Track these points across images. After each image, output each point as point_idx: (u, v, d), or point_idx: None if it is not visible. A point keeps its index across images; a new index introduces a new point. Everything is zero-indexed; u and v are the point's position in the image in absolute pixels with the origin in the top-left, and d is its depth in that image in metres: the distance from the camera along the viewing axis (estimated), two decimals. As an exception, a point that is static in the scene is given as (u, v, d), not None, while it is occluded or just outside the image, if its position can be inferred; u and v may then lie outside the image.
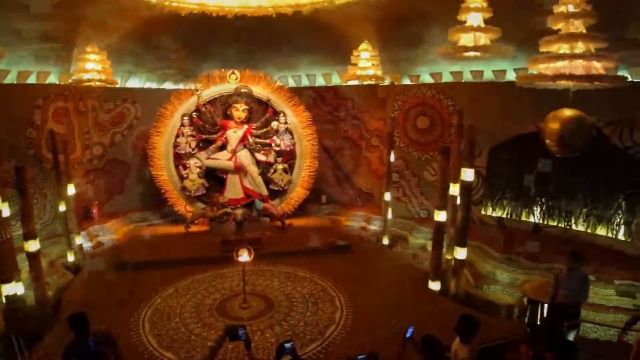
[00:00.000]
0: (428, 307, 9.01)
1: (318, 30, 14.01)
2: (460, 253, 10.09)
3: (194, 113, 13.81)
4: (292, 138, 14.29)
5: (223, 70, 14.13)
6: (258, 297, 9.29)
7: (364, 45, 13.26)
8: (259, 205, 13.66)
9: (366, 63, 13.26)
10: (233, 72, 14.07)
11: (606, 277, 10.38)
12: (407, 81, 14.58)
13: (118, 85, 13.61)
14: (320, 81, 16.16)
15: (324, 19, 13.47)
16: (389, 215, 13.39)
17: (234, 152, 13.81)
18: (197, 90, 13.72)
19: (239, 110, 13.81)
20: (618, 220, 11.60)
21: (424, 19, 12.16)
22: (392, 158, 13.36)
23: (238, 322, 7.29)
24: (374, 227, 14.60)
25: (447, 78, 13.88)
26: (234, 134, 13.83)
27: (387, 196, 13.32)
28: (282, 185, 14.14)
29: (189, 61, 14.94)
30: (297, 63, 15.70)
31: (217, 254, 11.42)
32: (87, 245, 12.41)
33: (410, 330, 5.08)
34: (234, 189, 13.88)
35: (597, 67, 6.91)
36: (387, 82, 14.63)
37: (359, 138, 15.97)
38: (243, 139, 13.90)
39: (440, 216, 10.05)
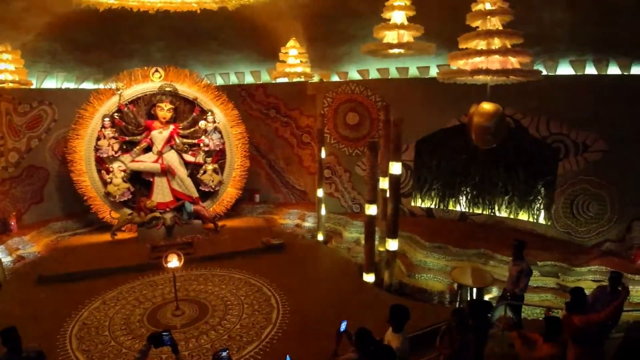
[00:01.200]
0: (363, 299, 9.14)
1: (245, 26, 13.80)
2: (392, 244, 10.35)
3: (116, 114, 13.08)
4: (221, 137, 13.95)
5: (146, 68, 13.52)
6: (191, 303, 9.01)
7: (291, 43, 13.20)
8: (189, 207, 13.23)
9: (294, 60, 13.22)
10: (157, 70, 13.50)
11: (530, 259, 10.99)
12: (335, 78, 14.72)
13: (33, 86, 12.63)
14: (249, 79, 15.95)
15: (251, 16, 13.28)
16: (323, 211, 13.47)
17: (160, 153, 13.28)
18: (118, 90, 13.00)
19: (164, 110, 13.28)
20: (538, 205, 12.40)
21: (350, 16, 12.29)
22: (324, 154, 13.44)
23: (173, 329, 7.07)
24: (309, 223, 14.65)
25: (374, 75, 14.15)
26: (159, 135, 13.29)
27: (320, 192, 13.39)
28: (213, 186, 13.77)
29: (109, 59, 14.20)
30: (224, 60, 15.38)
31: (147, 261, 10.95)
32: (7, 260, 11.43)
33: (343, 324, 5.10)
34: (161, 192, 13.34)
35: (513, 62, 7.28)
36: (316, 79, 14.68)
37: (291, 135, 15.95)
38: (169, 140, 13.40)
39: (371, 210, 10.23)
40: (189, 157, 13.64)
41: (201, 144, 13.66)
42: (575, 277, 10.31)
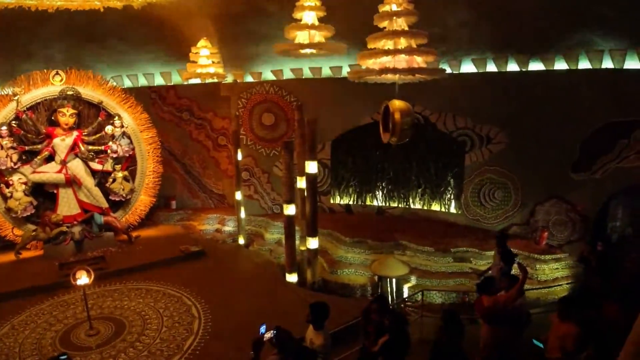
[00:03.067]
0: (287, 300, 9.12)
1: (153, 26, 13.25)
2: (313, 243, 10.43)
3: (13, 122, 11.98)
4: (131, 142, 13.21)
5: (46, 71, 12.48)
6: (106, 321, 8.48)
7: (202, 42, 12.76)
8: (99, 219, 12.41)
9: (206, 61, 12.82)
10: (57, 73, 12.50)
11: (443, 247, 11.70)
12: (249, 78, 14.56)
13: None
14: (159, 80, 15.33)
15: (159, 15, 12.77)
16: (243, 214, 13.30)
17: (63, 162, 12.34)
18: (15, 95, 11.91)
19: (66, 115, 12.34)
20: (449, 196, 13.08)
21: (261, 15, 12.20)
22: (240, 156, 13.25)
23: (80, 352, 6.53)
24: (229, 228, 14.39)
25: (288, 75, 14.17)
26: (62, 143, 12.35)
27: (239, 195, 13.19)
28: (124, 195, 13.04)
29: (5, 62, 12.98)
30: (132, 61, 14.64)
31: (56, 279, 10.14)
32: None
33: (262, 328, 5.05)
34: (68, 205, 12.43)
35: (419, 61, 7.58)
36: (229, 79, 14.43)
37: (206, 138, 15.55)
38: (73, 148, 12.50)
39: (289, 210, 10.25)
40: (95, 165, 12.81)
41: (108, 151, 12.85)
42: (486, 260, 10.99)
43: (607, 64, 10.46)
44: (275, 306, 8.76)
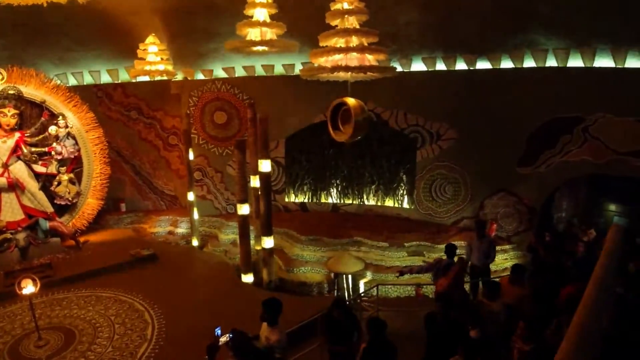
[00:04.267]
0: (243, 301, 9.02)
1: (100, 21, 12.75)
2: (268, 242, 10.36)
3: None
4: (76, 143, 12.65)
5: (-16, 69, 11.80)
6: (56, 331, 8.11)
7: (151, 39, 12.36)
8: (44, 225, 11.82)
9: (155, 57, 12.45)
10: (-3, 71, 11.85)
11: (397, 242, 11.91)
12: (200, 76, 14.28)
13: None
14: (105, 78, 14.78)
15: (105, 10, 12.30)
16: (196, 215, 13.02)
17: (5, 166, 11.70)
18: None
19: (7, 116, 11.70)
20: (401, 191, 13.30)
21: (212, 12, 11.97)
22: (192, 156, 12.98)
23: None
24: (182, 229, 14.07)
25: (240, 72, 13.98)
26: (3, 145, 11.71)
27: (191, 196, 12.92)
28: (70, 199, 12.49)
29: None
30: (77, 58, 14.02)
31: (1, 289, 9.62)
32: None
33: (218, 331, 4.99)
34: (11, 210, 11.78)
35: (370, 59, 7.65)
36: (179, 77, 14.09)
37: (156, 137, 15.12)
38: (15, 150, 11.86)
39: (243, 209, 10.14)
40: (39, 168, 12.21)
41: (53, 152, 12.27)
42: (438, 253, 11.22)
43: (551, 62, 10.91)
44: (231, 308, 8.66)
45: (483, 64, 11.65)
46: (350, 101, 7.65)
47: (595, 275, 3.72)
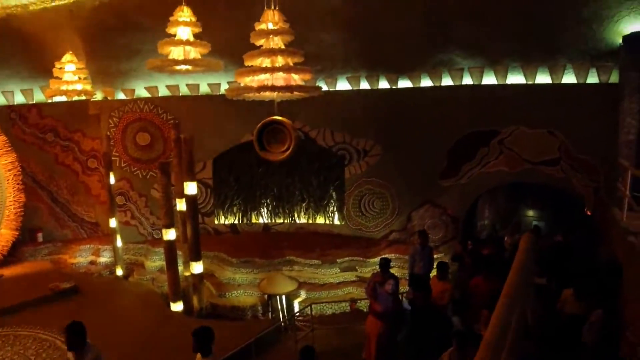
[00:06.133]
0: (171, 331, 8.62)
1: (13, 38, 12.04)
2: (197, 267, 10.01)
3: None
4: (-16, 170, 11.75)
5: None
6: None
7: (68, 57, 11.65)
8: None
9: (72, 77, 11.77)
10: None
11: (330, 259, 11.96)
12: (121, 95, 13.72)
13: None
14: (19, 98, 13.91)
15: (20, 26, 11.55)
16: (119, 242, 12.36)
17: None
18: None
19: None
20: (332, 208, 13.41)
21: (133, 29, 11.55)
22: (113, 180, 12.37)
23: None
24: (105, 258, 13.28)
25: (163, 92, 13.59)
26: None
27: (113, 222, 12.26)
28: (-22, 230, 11.50)
29: None
30: (-13, 78, 13.07)
31: None
32: None
33: None
34: None
35: (296, 79, 7.72)
36: (99, 97, 13.46)
37: (74, 161, 14.25)
38: None
39: (169, 234, 9.75)
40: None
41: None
42: (370, 267, 11.45)
43: (467, 80, 11.57)
44: (161, 340, 8.24)
45: (404, 83, 12.12)
46: (285, 120, 7.68)
47: (510, 278, 3.93)
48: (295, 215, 13.71)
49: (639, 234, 5.65)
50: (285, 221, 13.76)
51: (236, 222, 13.93)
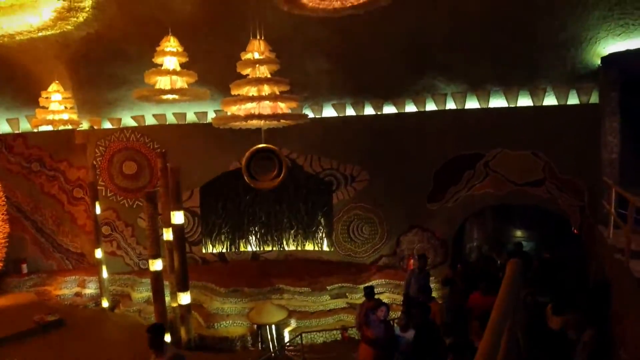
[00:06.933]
0: (161, 364, 8.40)
1: (-1, 68, 11.94)
2: (184, 298, 9.84)
3: None
4: (-33, 202, 11.54)
5: None
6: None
7: (54, 86, 11.55)
8: None
9: (59, 106, 11.68)
10: None
11: (320, 286, 11.84)
12: (108, 125, 13.68)
13: None
14: (5, 128, 13.80)
15: (6, 56, 11.53)
16: (105, 273, 12.12)
17: None
18: None
19: None
20: (320, 234, 13.37)
21: (120, 59, 11.58)
22: (99, 210, 12.22)
23: None
24: (91, 290, 13.01)
25: (150, 121, 13.58)
26: None
27: (99, 253, 12.07)
28: (-39, 263, 11.23)
29: None
30: (-27, 107, 12.96)
31: None
32: None
33: None
34: None
35: (282, 107, 7.80)
36: (85, 126, 13.40)
37: (59, 191, 14.07)
38: None
39: (156, 265, 9.58)
40: None
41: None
42: (360, 294, 11.29)
43: (450, 105, 11.76)
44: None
45: (389, 109, 12.30)
46: (274, 148, 7.71)
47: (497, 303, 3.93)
48: (284, 242, 13.63)
49: (625, 251, 5.69)
50: (274, 249, 13.67)
51: (224, 250, 13.80)
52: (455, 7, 9.07)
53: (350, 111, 12.59)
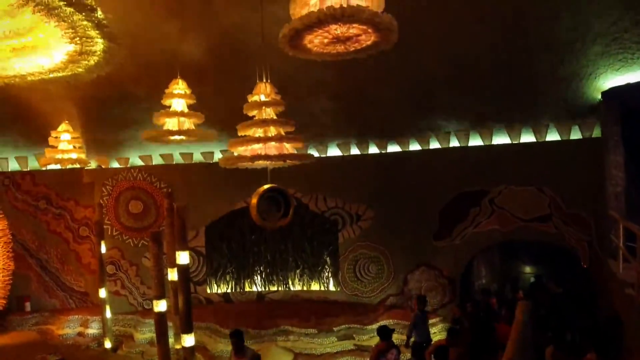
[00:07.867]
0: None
1: (9, 107, 12.16)
2: (188, 340, 9.64)
3: None
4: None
5: None
6: None
7: (64, 126, 11.82)
8: None
9: (67, 146, 11.90)
10: None
11: (326, 327, 11.64)
12: (116, 164, 13.86)
13: None
14: (14, 165, 14.00)
15: (17, 95, 11.79)
16: (108, 313, 12.00)
17: None
18: None
19: None
20: (326, 274, 13.27)
21: (129, 100, 11.85)
22: (104, 249, 12.22)
23: None
24: (94, 330, 12.86)
25: (157, 160, 13.76)
26: None
27: (103, 292, 11.99)
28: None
29: None
30: (-17, 145, 13.22)
31: None
32: None
33: None
34: None
35: (288, 147, 7.89)
36: (93, 165, 13.58)
37: (65, 229, 14.13)
38: None
39: (160, 306, 9.46)
40: None
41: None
42: (368, 335, 11.16)
43: (454, 142, 11.87)
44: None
45: (393, 147, 12.42)
46: (262, 188, 7.76)
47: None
48: (290, 282, 13.51)
49: (636, 285, 5.60)
50: (280, 289, 13.54)
51: (229, 290, 13.67)
52: (456, 51, 9.26)
53: (354, 150, 12.73)
